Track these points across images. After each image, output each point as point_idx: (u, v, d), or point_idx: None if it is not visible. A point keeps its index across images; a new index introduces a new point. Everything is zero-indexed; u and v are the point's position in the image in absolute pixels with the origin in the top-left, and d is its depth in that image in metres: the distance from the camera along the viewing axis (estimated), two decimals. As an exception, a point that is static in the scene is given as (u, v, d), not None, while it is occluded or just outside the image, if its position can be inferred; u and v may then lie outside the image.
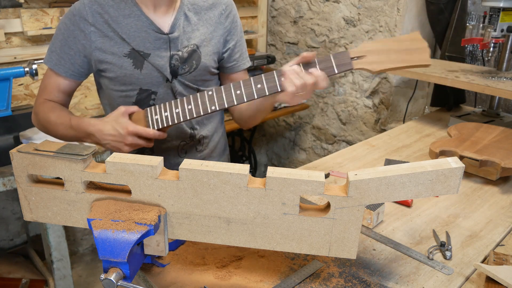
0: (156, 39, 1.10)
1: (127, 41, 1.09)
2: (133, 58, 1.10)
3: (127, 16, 1.09)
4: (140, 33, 1.09)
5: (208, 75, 1.20)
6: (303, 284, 0.85)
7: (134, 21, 1.09)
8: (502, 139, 1.44)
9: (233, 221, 0.79)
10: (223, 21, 1.20)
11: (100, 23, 1.08)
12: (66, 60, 1.10)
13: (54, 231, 1.83)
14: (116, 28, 1.08)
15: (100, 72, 1.13)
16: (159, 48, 1.11)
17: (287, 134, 3.08)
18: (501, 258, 0.92)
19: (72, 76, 1.13)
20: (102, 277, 0.72)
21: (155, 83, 1.13)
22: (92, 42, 1.08)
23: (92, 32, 1.08)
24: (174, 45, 1.12)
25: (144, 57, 1.10)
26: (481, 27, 1.82)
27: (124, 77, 1.11)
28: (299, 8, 2.69)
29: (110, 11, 1.08)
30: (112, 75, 1.11)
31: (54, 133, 1.15)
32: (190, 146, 1.24)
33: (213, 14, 1.19)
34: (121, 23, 1.08)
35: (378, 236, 1.03)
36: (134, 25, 1.09)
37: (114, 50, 1.09)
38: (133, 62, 1.10)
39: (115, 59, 1.09)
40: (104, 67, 1.10)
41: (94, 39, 1.08)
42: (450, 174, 0.75)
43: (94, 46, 1.08)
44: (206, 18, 1.18)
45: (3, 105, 1.72)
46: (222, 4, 1.20)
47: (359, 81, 2.49)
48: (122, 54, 1.09)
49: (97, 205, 0.77)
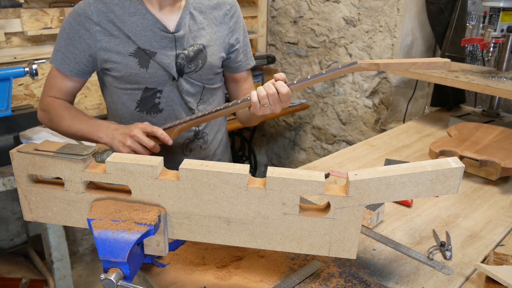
0: (162, 38, 1.10)
1: (133, 39, 1.09)
2: (138, 57, 1.10)
3: (132, 14, 1.09)
4: (146, 32, 1.09)
5: (213, 74, 1.21)
6: (303, 284, 0.85)
7: (140, 20, 1.09)
8: (502, 139, 1.44)
9: (233, 221, 0.79)
10: (227, 21, 1.20)
11: (105, 22, 1.08)
12: (71, 59, 1.11)
13: (54, 231, 1.83)
14: (122, 27, 1.08)
15: (105, 71, 1.13)
16: (165, 47, 1.11)
17: (287, 134, 3.08)
18: (501, 258, 0.92)
19: (77, 74, 1.14)
20: (102, 277, 0.72)
21: (161, 81, 1.13)
22: (98, 41, 1.08)
23: (98, 31, 1.08)
24: (180, 43, 1.13)
25: (150, 56, 1.10)
26: (481, 27, 1.82)
27: (129, 76, 1.11)
28: (299, 8, 2.69)
29: (115, 9, 1.08)
30: (117, 74, 1.11)
31: (66, 128, 1.15)
32: (195, 144, 1.24)
33: (218, 14, 1.19)
34: (127, 21, 1.08)
35: (378, 236, 1.03)
36: (140, 23, 1.09)
37: (120, 49, 1.09)
38: (138, 61, 1.10)
39: (120, 58, 1.09)
40: (110, 66, 1.10)
41: (99, 38, 1.08)
42: (450, 174, 0.76)
43: (100, 46, 1.09)
44: (211, 18, 1.18)
45: (3, 105, 1.72)
46: (227, 4, 1.21)
47: (359, 81, 2.49)
48: (127, 53, 1.09)
49: (97, 205, 0.77)
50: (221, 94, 1.30)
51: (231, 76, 1.29)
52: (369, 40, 2.37)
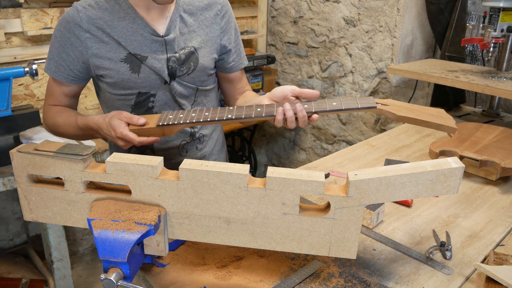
0: (152, 42, 1.10)
1: (123, 45, 1.08)
2: (130, 62, 1.09)
3: (122, 19, 1.08)
4: (136, 36, 1.09)
5: (205, 75, 1.20)
6: (303, 284, 0.85)
7: (129, 24, 1.08)
8: (502, 139, 1.44)
9: (233, 221, 0.79)
10: (218, 21, 1.20)
11: (94, 29, 1.07)
12: (64, 66, 1.10)
13: (54, 231, 1.83)
14: (111, 33, 1.07)
15: (99, 77, 1.13)
16: (156, 51, 1.11)
17: (287, 134, 3.08)
18: (501, 258, 0.92)
19: (73, 81, 1.13)
20: (102, 277, 0.72)
21: (153, 85, 1.13)
22: (88, 48, 1.08)
23: (88, 38, 1.07)
24: (170, 47, 1.12)
25: (141, 60, 1.09)
26: (481, 27, 1.83)
27: (122, 82, 1.10)
28: (299, 8, 2.69)
29: (105, 14, 1.07)
30: (110, 80, 1.11)
31: (65, 135, 1.16)
32: (191, 145, 1.24)
33: (209, 15, 1.18)
34: (116, 26, 1.08)
35: (378, 236, 1.03)
36: (129, 28, 1.08)
37: (110, 56, 1.08)
38: (130, 66, 1.09)
39: (111, 64, 1.08)
40: (102, 73, 1.10)
41: (90, 45, 1.07)
42: (450, 174, 0.76)
43: (91, 52, 1.08)
44: (202, 19, 1.17)
45: (3, 105, 1.72)
46: (218, 4, 1.20)
47: (359, 81, 2.49)
48: (118, 59, 1.08)
49: (97, 205, 0.77)
50: (215, 95, 1.29)
51: (225, 77, 1.28)
52: (369, 40, 2.37)
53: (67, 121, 1.13)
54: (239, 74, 1.29)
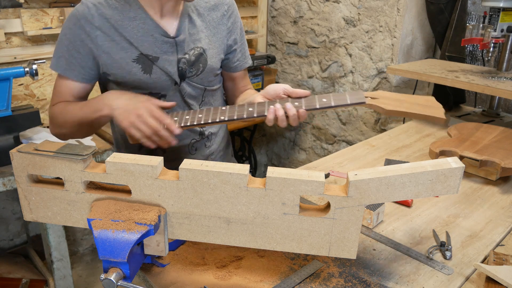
0: (163, 43, 1.10)
1: (135, 45, 1.07)
2: (141, 63, 1.08)
3: (132, 19, 1.07)
4: (147, 37, 1.08)
5: (213, 76, 1.21)
6: (303, 284, 0.85)
7: (140, 24, 1.08)
8: (502, 139, 1.44)
9: (233, 221, 0.79)
10: (225, 22, 1.20)
11: (107, 27, 1.05)
12: (75, 64, 1.07)
13: (54, 231, 1.83)
14: (123, 32, 1.06)
15: (107, 76, 1.11)
16: (167, 52, 1.10)
17: (287, 134, 3.08)
18: (501, 258, 0.92)
19: (84, 80, 1.10)
20: (102, 277, 0.72)
21: (164, 86, 1.13)
22: (99, 46, 1.06)
23: (99, 36, 1.05)
24: (180, 48, 1.12)
25: (153, 61, 1.09)
26: (481, 27, 1.82)
27: (133, 82, 1.09)
28: (299, 8, 2.69)
29: (115, 13, 1.06)
30: (120, 80, 1.10)
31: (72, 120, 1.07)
32: (200, 143, 1.25)
33: (216, 16, 1.19)
34: (127, 26, 1.07)
35: (378, 236, 1.03)
36: (140, 28, 1.08)
37: (122, 55, 1.07)
38: (142, 67, 1.08)
39: (123, 64, 1.07)
40: (112, 72, 1.09)
41: (101, 43, 1.06)
42: (450, 174, 0.76)
43: (102, 50, 1.06)
44: (209, 20, 1.18)
45: (3, 105, 1.72)
46: (224, 5, 1.20)
47: (359, 81, 2.49)
48: (130, 59, 1.07)
49: (97, 205, 0.77)
50: (220, 94, 1.30)
51: (229, 75, 1.30)
52: (369, 40, 2.37)
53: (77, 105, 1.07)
54: (243, 73, 1.31)
